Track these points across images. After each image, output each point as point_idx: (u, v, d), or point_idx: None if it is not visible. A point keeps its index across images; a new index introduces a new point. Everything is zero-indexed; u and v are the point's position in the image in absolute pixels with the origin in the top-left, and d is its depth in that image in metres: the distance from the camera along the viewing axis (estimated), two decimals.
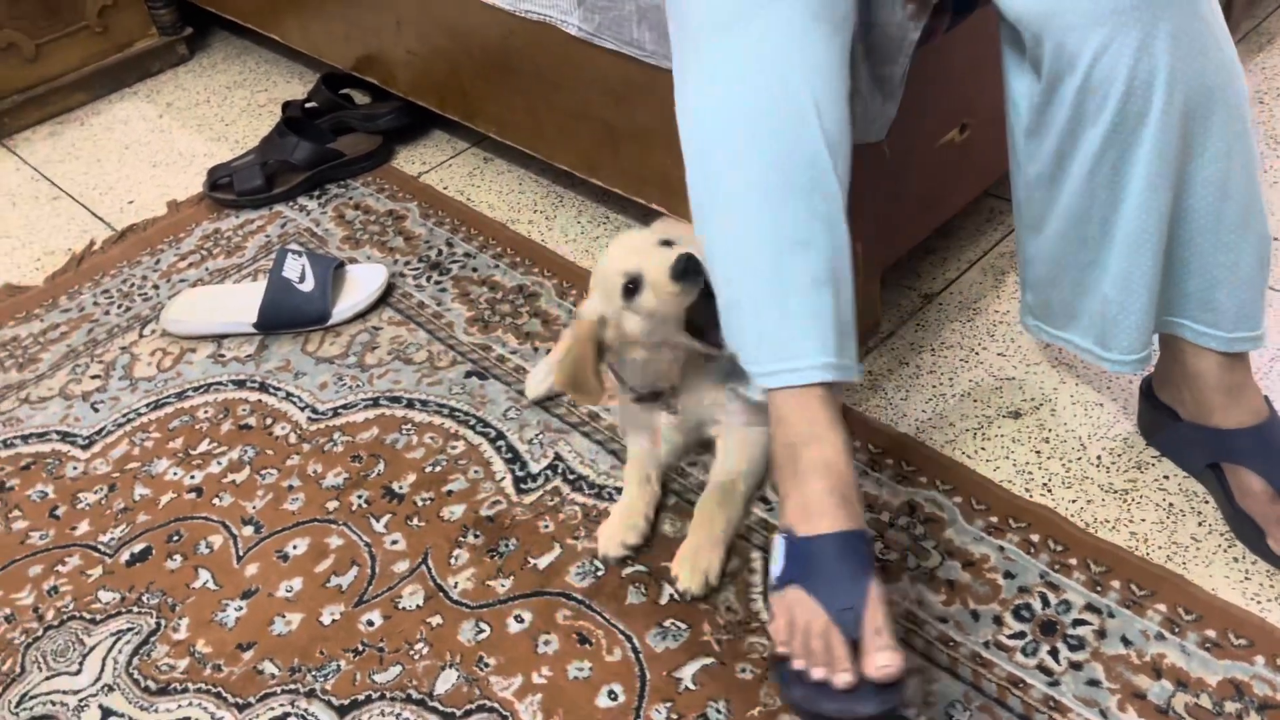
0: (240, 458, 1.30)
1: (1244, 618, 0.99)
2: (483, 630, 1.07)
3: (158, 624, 1.12)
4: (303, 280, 1.47)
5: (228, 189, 1.77)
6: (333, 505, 1.22)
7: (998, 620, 1.02)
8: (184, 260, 1.66)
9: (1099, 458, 1.16)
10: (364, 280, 1.52)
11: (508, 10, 1.43)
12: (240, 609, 1.12)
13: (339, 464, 1.27)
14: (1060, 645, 0.99)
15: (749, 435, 1.14)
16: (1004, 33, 1.00)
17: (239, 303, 1.50)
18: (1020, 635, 1.00)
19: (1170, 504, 1.11)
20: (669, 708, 0.98)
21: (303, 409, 1.36)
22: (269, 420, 1.35)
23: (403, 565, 1.14)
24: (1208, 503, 1.10)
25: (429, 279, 1.55)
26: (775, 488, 0.95)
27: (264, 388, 1.40)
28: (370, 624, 1.09)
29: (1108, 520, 1.10)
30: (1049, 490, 1.14)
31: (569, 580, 1.10)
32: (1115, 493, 1.13)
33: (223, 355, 1.46)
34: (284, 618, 1.11)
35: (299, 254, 1.50)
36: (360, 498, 1.22)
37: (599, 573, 1.11)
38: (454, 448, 1.27)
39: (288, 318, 1.47)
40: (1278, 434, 1.03)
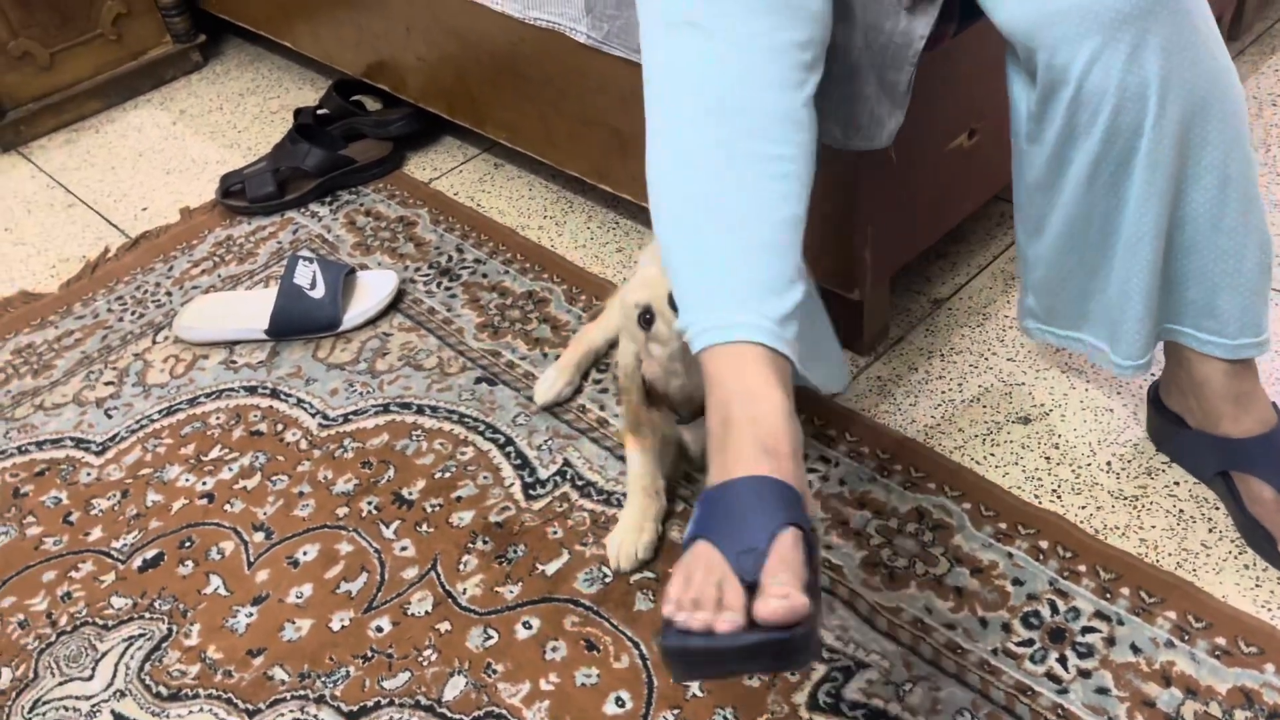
0: (251, 464, 1.31)
1: (1255, 625, 0.99)
2: (491, 636, 1.07)
3: (169, 630, 1.13)
4: (314, 287, 1.48)
5: (240, 196, 1.78)
6: (343, 511, 1.23)
7: (1006, 627, 1.02)
8: (197, 267, 1.67)
9: (1109, 464, 1.16)
10: (375, 286, 1.53)
11: (516, 18, 1.44)
12: (251, 615, 1.13)
13: (349, 470, 1.28)
14: (1069, 653, 0.99)
15: None
16: (1006, 40, 1.00)
17: (251, 309, 1.51)
18: (1029, 643, 1.00)
19: (1180, 510, 1.10)
20: (676, 715, 0.98)
21: (313, 415, 1.36)
22: (280, 426, 1.35)
23: (412, 571, 1.15)
24: (1218, 509, 1.10)
25: (439, 285, 1.55)
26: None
27: (275, 394, 1.41)
28: (379, 630, 1.09)
29: (1117, 526, 1.10)
30: (1058, 496, 1.13)
31: (577, 587, 1.11)
32: (1125, 499, 1.12)
33: (234, 361, 1.47)
34: (294, 624, 1.11)
35: (310, 260, 1.51)
36: (370, 504, 1.23)
37: (607, 579, 1.11)
38: (463, 454, 1.28)
39: (299, 324, 1.48)
40: None
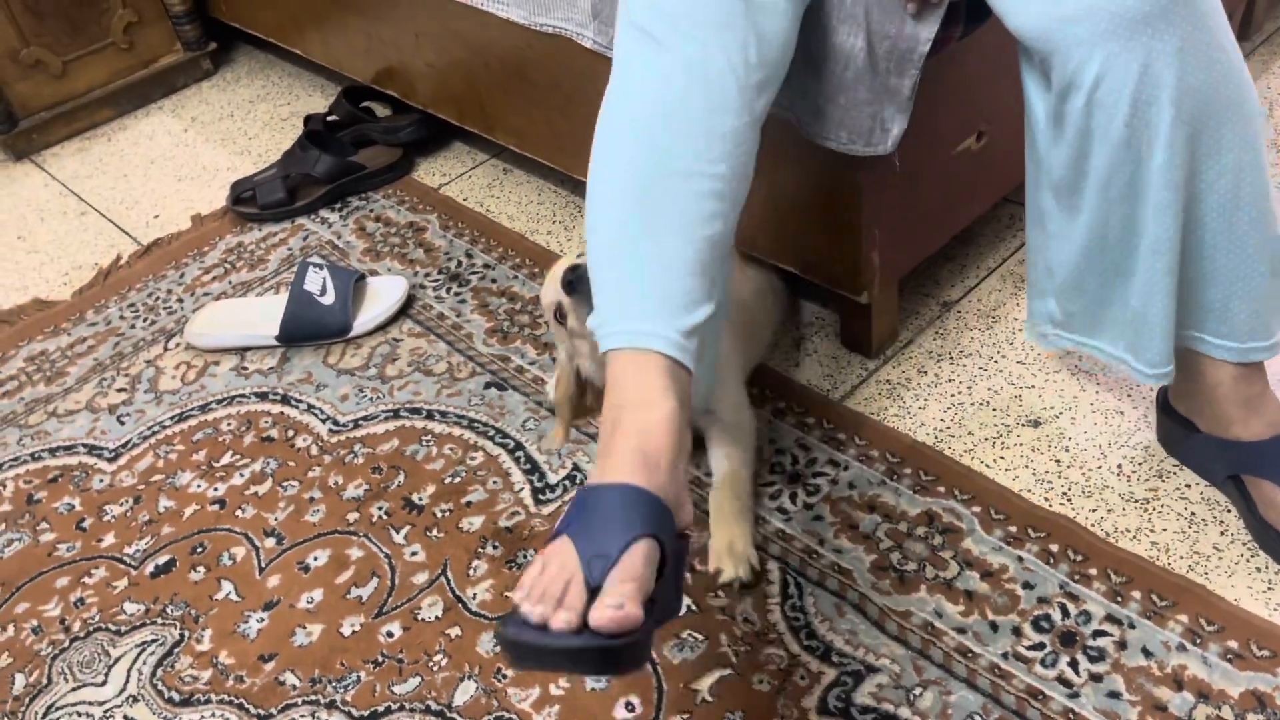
0: (262, 470, 1.31)
1: (1267, 629, 0.98)
2: None
3: (181, 635, 1.14)
4: (324, 293, 1.49)
5: (250, 202, 1.79)
6: (353, 517, 1.23)
7: (1017, 631, 1.01)
8: (208, 274, 1.68)
9: (1119, 466, 1.16)
10: (384, 292, 1.53)
11: (523, 24, 1.44)
12: (262, 620, 1.14)
13: (359, 475, 1.28)
14: (1080, 657, 0.99)
15: (740, 421, 1.16)
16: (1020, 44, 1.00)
17: (261, 316, 1.52)
18: (1039, 646, 1.00)
19: (1192, 513, 1.10)
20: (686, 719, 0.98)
21: (324, 421, 1.37)
22: (291, 432, 1.36)
23: (422, 576, 1.15)
24: (1230, 512, 1.09)
25: (449, 290, 1.56)
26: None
27: (286, 400, 1.41)
28: (390, 635, 1.10)
29: (1128, 530, 1.09)
30: (1068, 499, 1.13)
31: None
32: (1136, 502, 1.12)
33: (245, 368, 1.48)
34: (305, 629, 1.12)
35: (320, 267, 1.52)
36: (380, 509, 1.24)
37: None
38: (473, 459, 1.28)
39: (309, 330, 1.49)
40: None
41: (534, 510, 1.20)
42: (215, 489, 1.30)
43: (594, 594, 0.77)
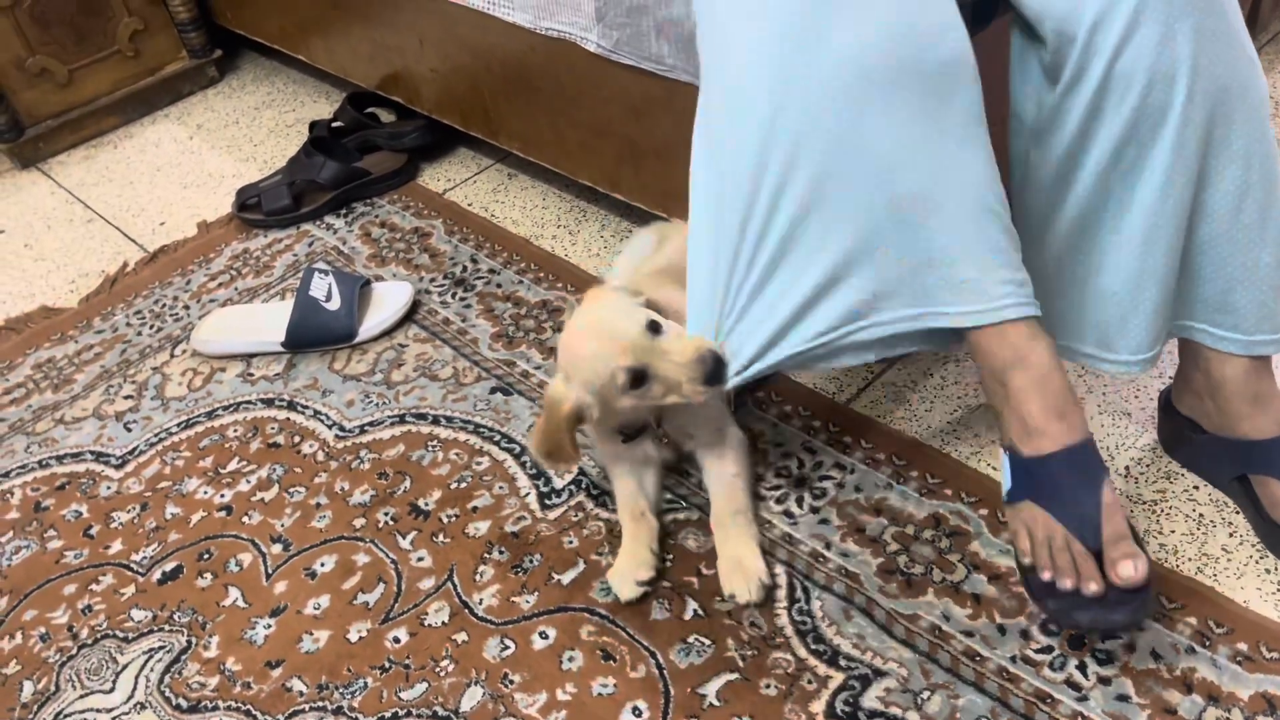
0: (269, 476, 1.31)
1: (1276, 631, 0.98)
2: (507, 647, 1.07)
3: (189, 642, 1.14)
4: (329, 299, 1.49)
5: (256, 209, 1.79)
6: (360, 522, 1.23)
7: (1025, 634, 1.01)
8: (214, 280, 1.68)
9: (1127, 468, 1.15)
10: (390, 298, 1.53)
11: (528, 28, 1.44)
12: (269, 626, 1.14)
13: (366, 481, 1.28)
14: (1089, 660, 0.98)
15: (729, 436, 1.16)
16: (1015, 39, 1.00)
17: (267, 322, 1.52)
18: (1048, 650, 1.00)
19: (1200, 515, 1.09)
20: None
21: (330, 427, 1.37)
22: (297, 438, 1.36)
23: (428, 582, 1.15)
24: (1238, 513, 1.09)
25: (454, 295, 1.56)
26: (994, 411, 0.98)
27: (292, 406, 1.42)
28: (396, 641, 1.10)
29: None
30: None
31: (593, 596, 1.11)
32: (1144, 504, 1.11)
33: (251, 374, 1.48)
34: (312, 635, 1.12)
35: (325, 273, 1.52)
36: (387, 514, 1.24)
37: None
38: (479, 464, 1.28)
39: (315, 336, 1.49)
40: None
41: (540, 515, 1.20)
42: (222, 495, 1.30)
43: (1095, 554, 0.90)
